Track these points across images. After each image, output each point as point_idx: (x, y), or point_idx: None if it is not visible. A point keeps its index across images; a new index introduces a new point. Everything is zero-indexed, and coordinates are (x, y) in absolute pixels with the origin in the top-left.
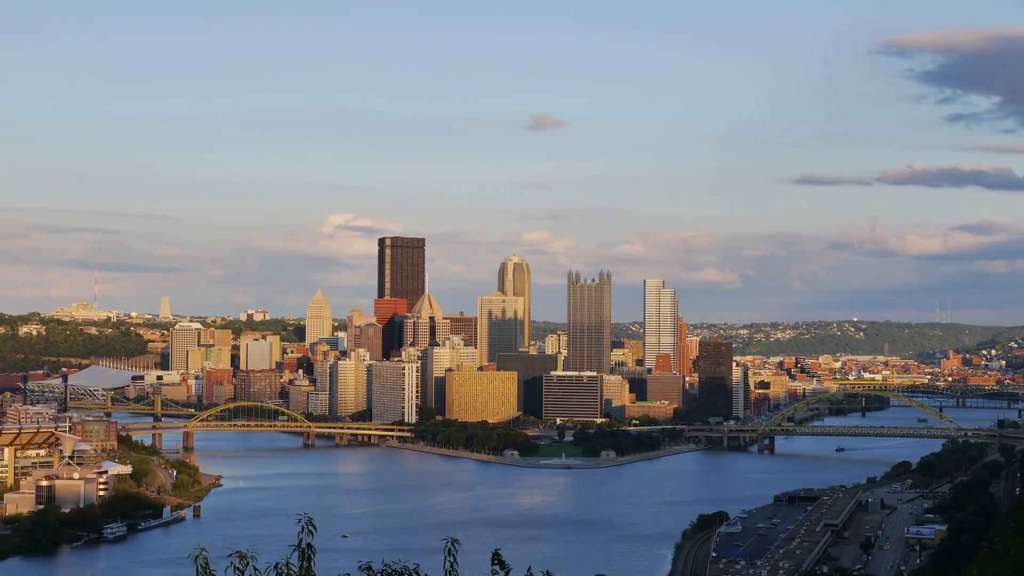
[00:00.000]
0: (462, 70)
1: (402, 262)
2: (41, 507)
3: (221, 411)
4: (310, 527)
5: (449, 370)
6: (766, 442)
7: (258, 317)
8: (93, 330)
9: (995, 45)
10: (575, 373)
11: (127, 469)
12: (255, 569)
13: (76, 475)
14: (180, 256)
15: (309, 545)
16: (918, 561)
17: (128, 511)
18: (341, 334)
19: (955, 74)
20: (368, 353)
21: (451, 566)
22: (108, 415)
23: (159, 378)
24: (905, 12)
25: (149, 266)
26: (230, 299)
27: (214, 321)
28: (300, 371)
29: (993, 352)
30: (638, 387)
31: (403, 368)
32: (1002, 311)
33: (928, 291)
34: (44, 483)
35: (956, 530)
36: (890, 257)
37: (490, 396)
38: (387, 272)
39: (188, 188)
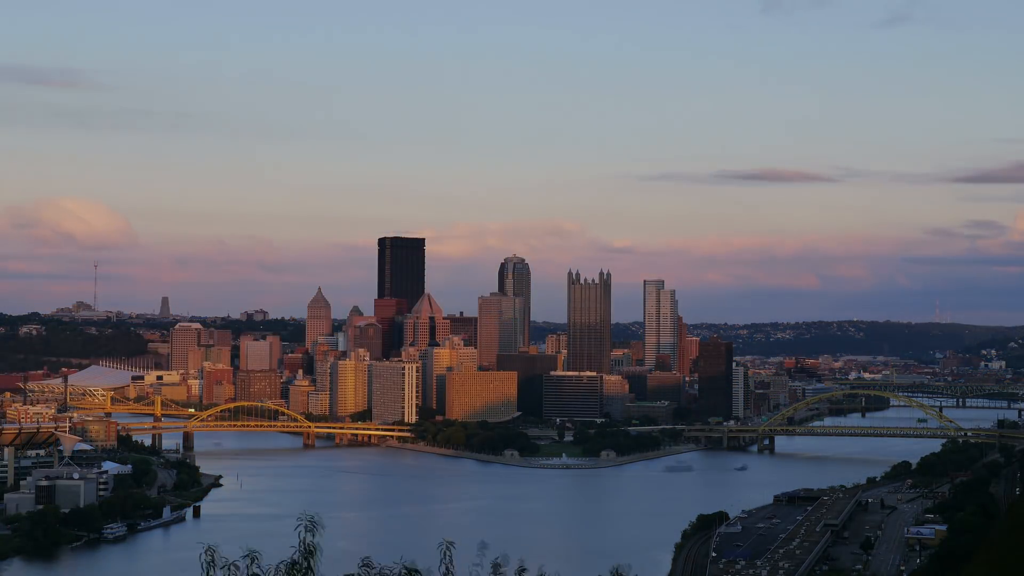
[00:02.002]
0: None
1: (402, 262)
2: (41, 507)
3: (221, 411)
4: (313, 527)
5: (449, 370)
6: (766, 442)
7: (258, 317)
8: (93, 330)
9: None
10: (575, 373)
11: (127, 469)
12: (256, 571)
13: (76, 475)
14: (180, 255)
15: (311, 544)
16: (918, 561)
17: (128, 511)
18: (341, 334)
19: None
20: (368, 353)
21: (447, 568)
22: (108, 415)
23: (159, 378)
24: None
25: (149, 265)
26: (230, 299)
27: (214, 321)
28: (300, 371)
29: (993, 352)
30: (638, 387)
31: (403, 368)
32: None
33: (928, 292)
34: (44, 483)
35: (956, 530)
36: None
37: (490, 396)
38: (387, 272)
39: (189, 185)
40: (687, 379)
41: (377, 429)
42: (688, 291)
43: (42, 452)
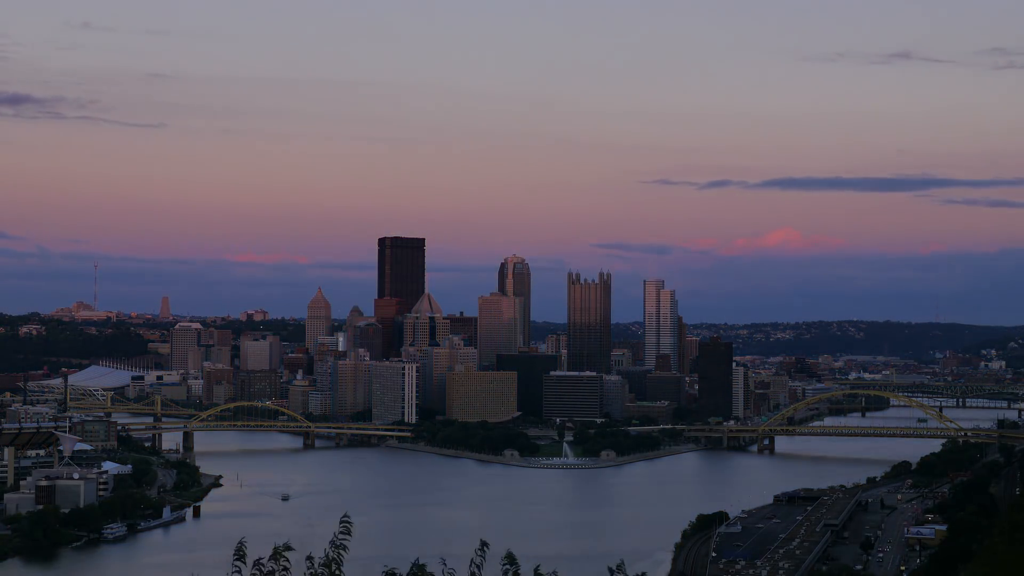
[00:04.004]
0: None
1: (402, 262)
2: (41, 507)
3: (221, 411)
4: (347, 524)
5: (449, 370)
6: (766, 442)
7: (258, 317)
8: (93, 330)
9: None
10: (575, 373)
11: (127, 469)
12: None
13: (76, 475)
14: (179, 254)
15: (342, 546)
16: (918, 561)
17: (128, 511)
18: (341, 334)
19: None
20: (368, 353)
21: (477, 568)
22: (108, 415)
23: (159, 378)
24: None
25: (149, 265)
26: (230, 299)
27: (214, 321)
28: (300, 371)
29: (993, 352)
30: (638, 387)
31: (403, 368)
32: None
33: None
34: (44, 483)
35: (956, 530)
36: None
37: (490, 396)
38: (387, 272)
39: (187, 185)
40: (687, 379)
41: (377, 429)
42: (689, 291)
43: (42, 452)
